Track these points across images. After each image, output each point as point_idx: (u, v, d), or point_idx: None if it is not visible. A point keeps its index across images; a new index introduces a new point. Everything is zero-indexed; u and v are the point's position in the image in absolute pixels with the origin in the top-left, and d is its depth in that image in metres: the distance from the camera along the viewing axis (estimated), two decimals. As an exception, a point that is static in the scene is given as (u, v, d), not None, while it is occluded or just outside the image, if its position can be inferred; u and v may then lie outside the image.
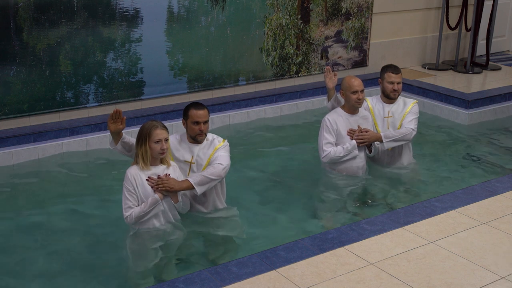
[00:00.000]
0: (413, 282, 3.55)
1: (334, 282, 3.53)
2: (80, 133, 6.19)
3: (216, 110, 6.94)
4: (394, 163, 5.58)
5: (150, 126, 4.19)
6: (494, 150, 6.49)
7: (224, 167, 4.48)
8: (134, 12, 6.52)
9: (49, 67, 6.14)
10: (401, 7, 8.59)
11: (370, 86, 7.74)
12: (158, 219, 4.29)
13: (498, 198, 4.64)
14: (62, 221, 4.84)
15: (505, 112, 7.63)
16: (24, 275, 4.11)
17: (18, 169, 5.75)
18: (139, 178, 4.21)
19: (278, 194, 5.32)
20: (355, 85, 5.17)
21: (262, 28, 7.38)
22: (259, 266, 3.66)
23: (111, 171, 5.73)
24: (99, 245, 4.48)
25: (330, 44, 7.99)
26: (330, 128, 5.24)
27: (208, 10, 6.97)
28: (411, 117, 5.46)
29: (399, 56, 8.72)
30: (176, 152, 4.58)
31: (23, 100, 6.08)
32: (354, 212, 4.99)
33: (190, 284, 3.47)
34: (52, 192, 5.37)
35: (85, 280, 4.06)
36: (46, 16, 6.03)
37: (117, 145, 4.41)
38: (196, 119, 4.47)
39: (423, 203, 4.55)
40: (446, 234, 4.09)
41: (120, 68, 6.55)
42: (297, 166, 5.96)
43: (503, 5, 9.67)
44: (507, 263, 3.77)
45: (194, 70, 7.04)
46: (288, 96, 7.54)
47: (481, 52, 9.39)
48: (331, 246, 3.90)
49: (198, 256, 4.32)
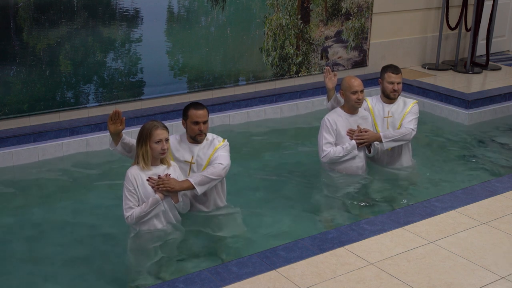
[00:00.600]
0: (413, 282, 3.55)
1: (334, 282, 3.53)
2: (80, 133, 6.19)
3: (216, 110, 6.93)
4: (393, 163, 5.58)
5: (150, 126, 4.20)
6: (494, 150, 6.49)
7: (224, 166, 4.48)
8: (134, 12, 6.52)
9: (49, 67, 6.14)
10: (401, 7, 8.58)
11: (370, 86, 7.75)
12: (159, 219, 4.29)
13: (498, 198, 4.64)
14: (62, 221, 4.84)
15: (505, 112, 7.63)
16: (23, 275, 4.11)
17: (18, 169, 5.75)
18: (139, 178, 4.21)
19: (278, 194, 5.32)
20: (355, 85, 5.17)
21: (262, 28, 7.38)
22: (259, 266, 3.66)
23: (111, 171, 5.73)
24: (99, 245, 4.48)
25: (330, 44, 7.99)
26: (329, 128, 5.24)
27: (208, 10, 6.97)
28: (411, 117, 5.45)
29: (399, 56, 8.72)
30: (176, 152, 4.58)
31: (23, 100, 6.08)
32: (354, 212, 4.99)
33: (190, 284, 3.47)
34: (52, 192, 5.38)
35: (85, 280, 4.06)
36: (46, 16, 6.03)
37: (117, 146, 4.41)
38: (195, 119, 4.47)
39: (423, 203, 4.55)
40: (446, 234, 4.09)
41: (120, 68, 6.55)
42: (297, 166, 5.96)
43: (503, 5, 9.67)
44: (507, 263, 3.77)
45: (194, 70, 7.04)
46: (288, 96, 7.53)
47: (481, 52, 9.39)
48: (331, 246, 3.90)
49: (198, 256, 4.32)
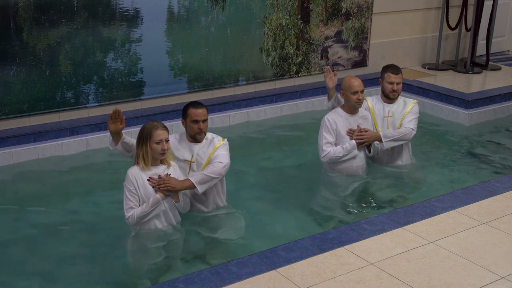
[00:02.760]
0: (413, 282, 3.55)
1: (334, 282, 3.53)
2: (80, 133, 6.19)
3: (216, 110, 6.93)
4: (393, 163, 5.58)
5: (150, 127, 4.19)
6: (494, 150, 6.49)
7: (224, 165, 4.48)
8: (134, 12, 6.52)
9: (49, 67, 6.14)
10: (401, 7, 8.58)
11: (370, 86, 7.74)
12: (159, 219, 4.29)
13: (498, 198, 4.64)
14: (62, 221, 4.84)
15: (505, 112, 7.63)
16: (23, 275, 4.11)
17: (18, 169, 5.75)
18: (140, 178, 4.21)
19: (278, 194, 5.32)
20: (355, 85, 5.17)
21: (262, 28, 7.38)
22: (259, 266, 3.66)
23: (111, 172, 5.73)
24: (99, 245, 4.48)
25: (330, 44, 7.99)
26: (329, 128, 5.24)
27: (208, 10, 6.97)
28: (411, 117, 5.46)
29: (399, 56, 8.72)
30: (176, 152, 4.58)
31: (23, 100, 6.08)
32: (354, 212, 4.99)
33: (190, 284, 3.47)
34: (52, 192, 5.37)
35: (85, 281, 4.06)
36: (46, 16, 6.03)
37: (117, 146, 4.41)
38: (195, 117, 4.47)
39: (423, 203, 4.55)
40: (446, 234, 4.09)
41: (120, 68, 6.55)
42: (297, 166, 5.96)
43: (503, 5, 9.67)
44: (507, 263, 3.77)
45: (194, 70, 7.04)
46: (288, 96, 7.53)
47: (481, 52, 9.38)
48: (331, 246, 3.90)
49: (198, 256, 4.32)
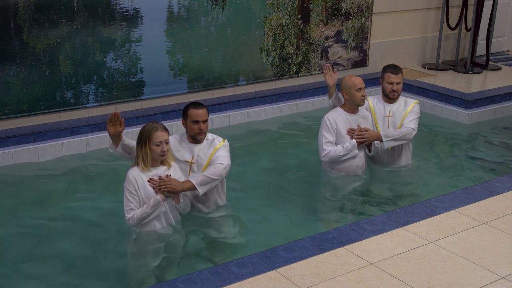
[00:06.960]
0: (413, 282, 3.55)
1: (334, 282, 3.53)
2: (80, 133, 6.19)
3: (216, 110, 6.93)
4: (393, 163, 5.58)
5: (150, 128, 4.18)
6: (494, 150, 6.49)
7: (225, 166, 4.48)
8: (134, 12, 6.52)
9: (49, 67, 6.14)
10: (401, 7, 8.58)
11: (370, 86, 7.72)
12: (160, 220, 4.28)
13: (498, 198, 4.64)
14: (62, 222, 4.83)
15: (505, 112, 7.63)
16: (22, 276, 4.11)
17: (18, 169, 5.75)
18: (140, 179, 4.20)
19: (278, 194, 5.32)
20: (357, 82, 5.18)
21: (262, 28, 7.38)
22: (259, 266, 3.66)
23: (111, 172, 5.73)
24: (99, 246, 4.48)
25: (330, 44, 7.99)
26: (330, 127, 5.24)
27: (208, 10, 6.97)
28: (411, 117, 5.45)
29: (399, 56, 8.72)
30: (176, 152, 4.57)
31: (23, 100, 6.08)
32: (354, 212, 4.99)
33: (190, 284, 3.47)
34: (52, 193, 5.37)
35: (85, 281, 4.05)
36: (46, 16, 6.03)
37: (117, 148, 4.40)
38: (195, 118, 4.47)
39: (423, 203, 4.55)
40: (446, 234, 4.09)
41: (120, 68, 6.55)
42: (297, 165, 5.96)
43: (503, 5, 9.67)
44: (507, 263, 3.77)
45: (194, 70, 7.04)
46: (288, 96, 7.54)
47: (481, 52, 9.39)
48: (331, 246, 3.90)
49: (198, 256, 4.32)
